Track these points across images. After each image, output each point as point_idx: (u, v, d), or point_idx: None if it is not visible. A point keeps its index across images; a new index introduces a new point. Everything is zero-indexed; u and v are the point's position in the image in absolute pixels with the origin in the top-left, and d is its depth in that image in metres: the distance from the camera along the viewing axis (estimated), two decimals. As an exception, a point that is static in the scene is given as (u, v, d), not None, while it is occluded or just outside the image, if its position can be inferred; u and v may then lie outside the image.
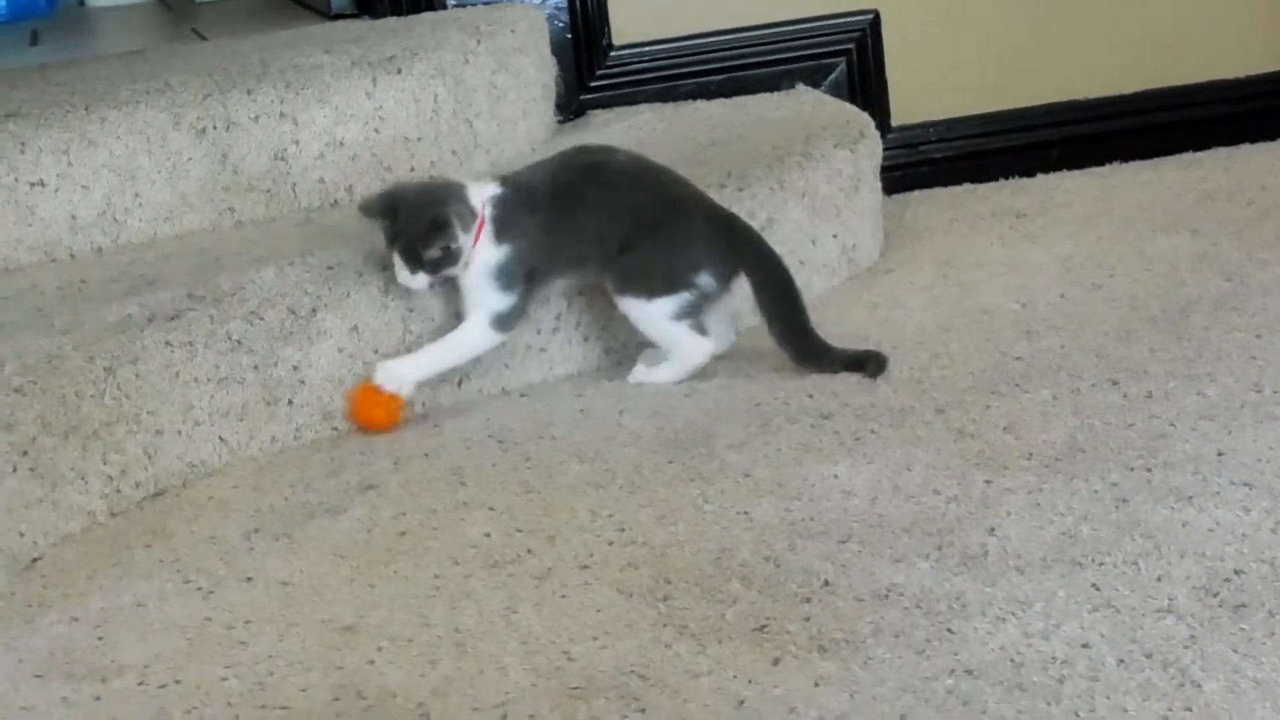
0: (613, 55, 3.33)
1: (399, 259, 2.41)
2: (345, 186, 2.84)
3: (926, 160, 3.43)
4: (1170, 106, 3.47)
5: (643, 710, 1.71)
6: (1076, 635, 1.76)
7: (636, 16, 3.33)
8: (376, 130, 2.85)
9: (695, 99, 3.33)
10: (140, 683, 1.86)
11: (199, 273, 2.53)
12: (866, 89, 3.37)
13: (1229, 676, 1.67)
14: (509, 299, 2.44)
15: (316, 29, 3.36)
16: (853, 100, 3.32)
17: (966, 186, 3.38)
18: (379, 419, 2.44)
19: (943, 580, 1.90)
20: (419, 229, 2.39)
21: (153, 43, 3.90)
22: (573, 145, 2.64)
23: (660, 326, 2.49)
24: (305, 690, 1.81)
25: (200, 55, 3.18)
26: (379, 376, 2.44)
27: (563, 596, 1.95)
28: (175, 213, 2.77)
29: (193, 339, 2.36)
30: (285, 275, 2.48)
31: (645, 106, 3.31)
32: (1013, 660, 1.73)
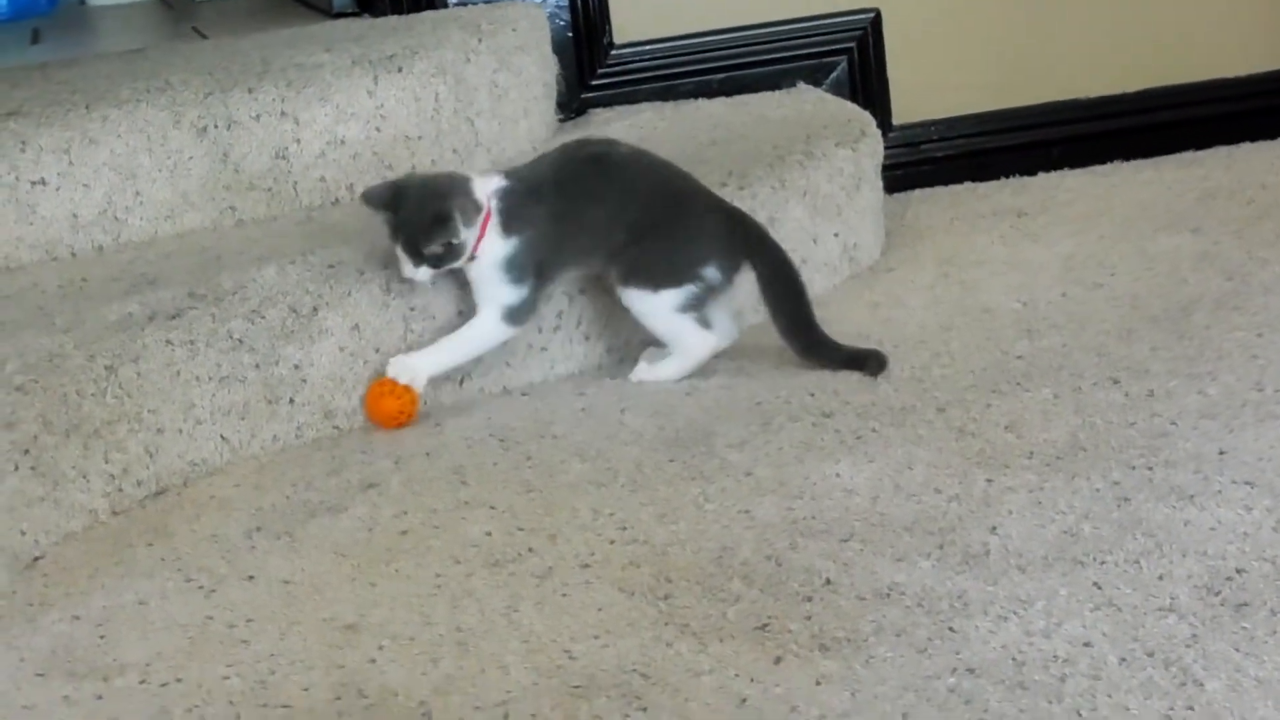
0: (614, 54, 3.33)
1: (401, 253, 2.42)
2: (346, 185, 2.84)
3: (928, 159, 3.43)
4: (1171, 105, 3.47)
5: (644, 709, 1.71)
6: (1078, 634, 1.76)
7: (637, 15, 3.33)
8: (378, 129, 2.85)
9: (696, 98, 3.33)
10: (142, 681, 1.86)
11: (200, 271, 2.53)
12: (868, 88, 3.37)
13: (1231, 675, 1.67)
14: (520, 292, 2.44)
15: (317, 27, 3.36)
16: (854, 99, 3.32)
17: (968, 185, 3.38)
18: (390, 409, 2.44)
19: (944, 579, 1.90)
20: (420, 223, 2.39)
21: (154, 41, 3.90)
22: (574, 139, 2.64)
23: (664, 319, 2.49)
24: (307, 689, 1.81)
25: (201, 54, 3.19)
26: (393, 370, 2.44)
27: (564, 595, 1.95)
28: (176, 211, 2.77)
29: (194, 337, 2.36)
30: (286, 274, 2.48)
31: (646, 105, 3.31)
32: (1014, 659, 1.73)
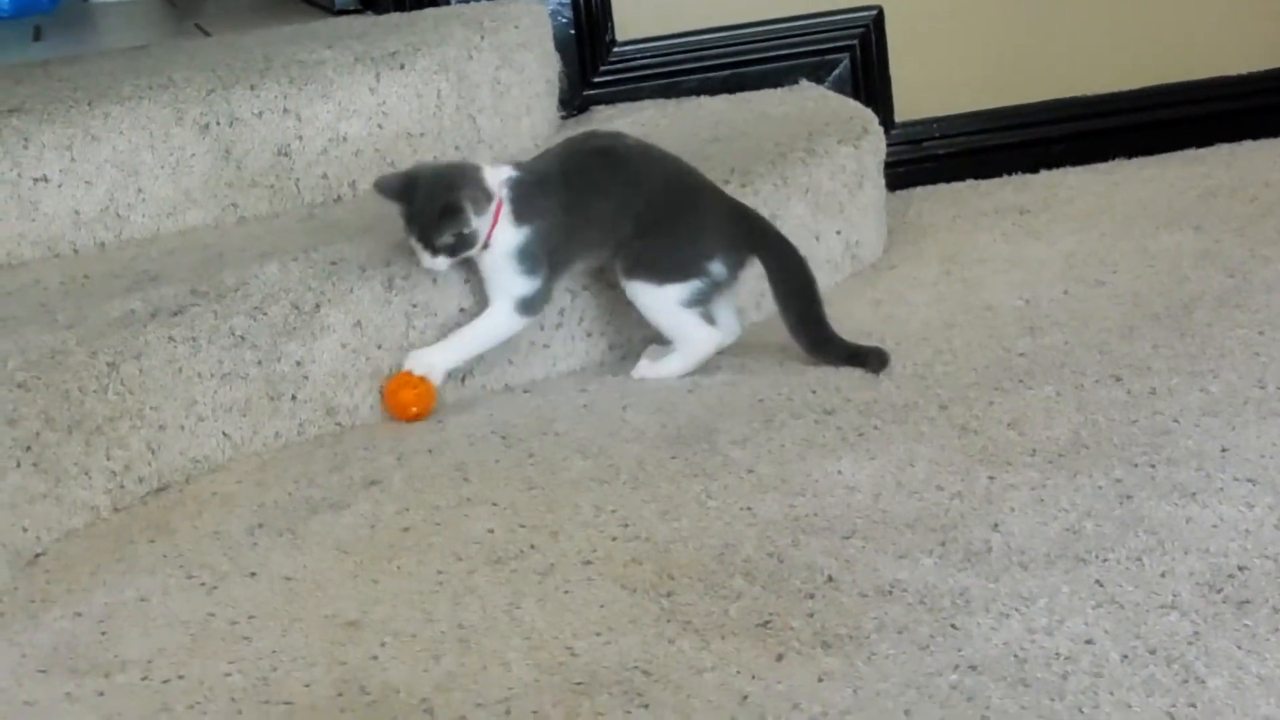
0: (616, 51, 3.33)
1: (416, 243, 2.42)
2: (348, 182, 2.84)
3: (930, 156, 3.43)
4: (1173, 103, 3.47)
5: (646, 706, 1.71)
6: (1080, 631, 1.76)
7: (640, 12, 3.33)
8: (380, 126, 2.85)
9: (698, 95, 3.33)
10: (143, 678, 1.86)
11: (202, 268, 2.53)
12: (870, 85, 3.37)
13: (1233, 672, 1.67)
14: (533, 282, 2.44)
15: (320, 24, 3.36)
16: (856, 96, 3.32)
17: (970, 182, 3.37)
18: (407, 401, 2.45)
19: (946, 576, 1.90)
20: (432, 214, 2.39)
21: (156, 38, 3.90)
22: (581, 132, 2.64)
23: (669, 314, 2.49)
24: (309, 685, 1.81)
25: (203, 51, 3.19)
26: (410, 364, 2.44)
27: (566, 592, 1.95)
28: (178, 208, 2.77)
29: (196, 334, 2.36)
30: (288, 271, 2.48)
31: (648, 102, 3.31)
32: (1016, 656, 1.73)
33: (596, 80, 3.33)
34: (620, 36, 3.33)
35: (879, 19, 3.38)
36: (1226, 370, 2.36)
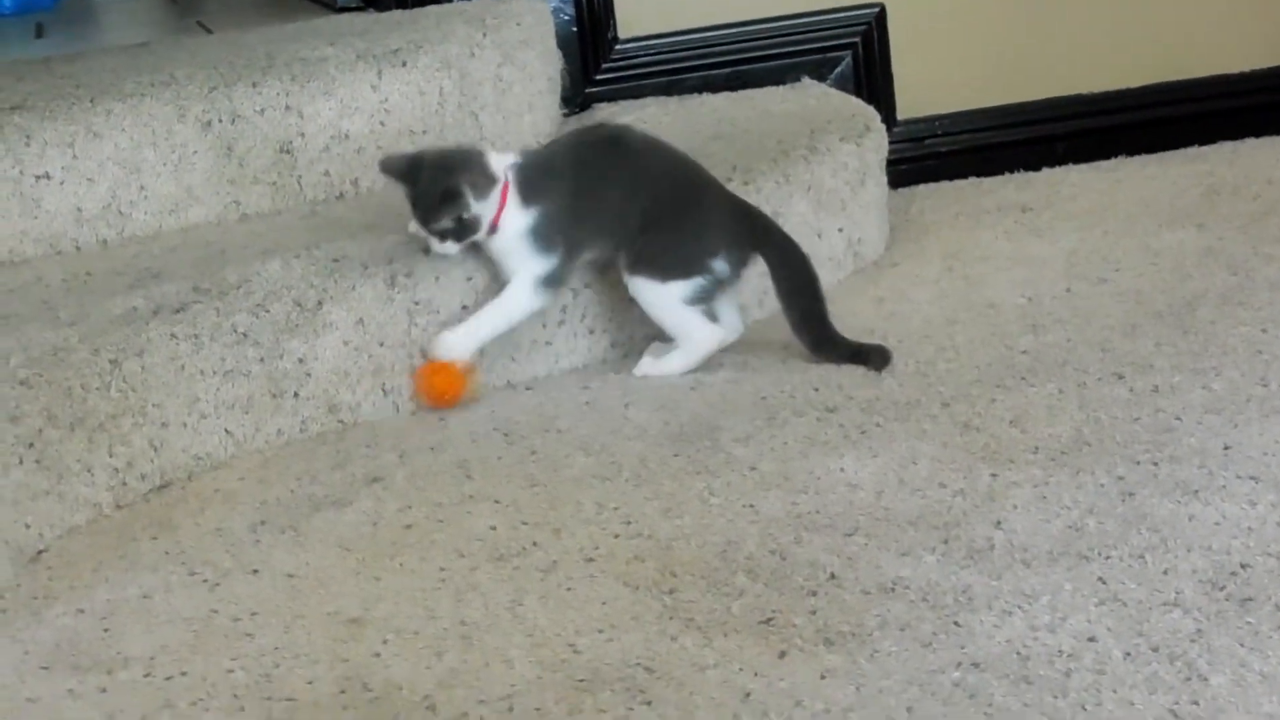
0: (618, 49, 3.33)
1: (419, 227, 2.44)
2: (350, 179, 2.84)
3: (932, 154, 3.42)
4: (1176, 101, 3.46)
5: (649, 703, 1.71)
6: (1083, 628, 1.76)
7: (642, 10, 3.33)
8: (382, 123, 2.85)
9: (700, 92, 3.33)
10: (146, 675, 1.86)
11: (204, 265, 2.53)
12: (872, 83, 3.37)
13: (1235, 670, 1.67)
14: (550, 260, 2.44)
15: (322, 22, 3.36)
16: (858, 94, 3.31)
17: (972, 180, 3.37)
18: (439, 387, 2.45)
19: (949, 573, 1.90)
20: (431, 199, 2.40)
21: (158, 35, 3.90)
22: (590, 122, 2.65)
23: (672, 311, 2.49)
24: (311, 682, 1.81)
25: (205, 48, 3.18)
26: (434, 349, 2.45)
27: (568, 589, 1.95)
28: (180, 205, 2.77)
29: (198, 331, 2.36)
30: (291, 268, 2.48)
31: (650, 100, 3.31)
32: (1019, 653, 1.73)
33: (599, 78, 3.33)
34: (622, 34, 3.33)
35: (881, 16, 3.37)
36: (1229, 368, 2.36)
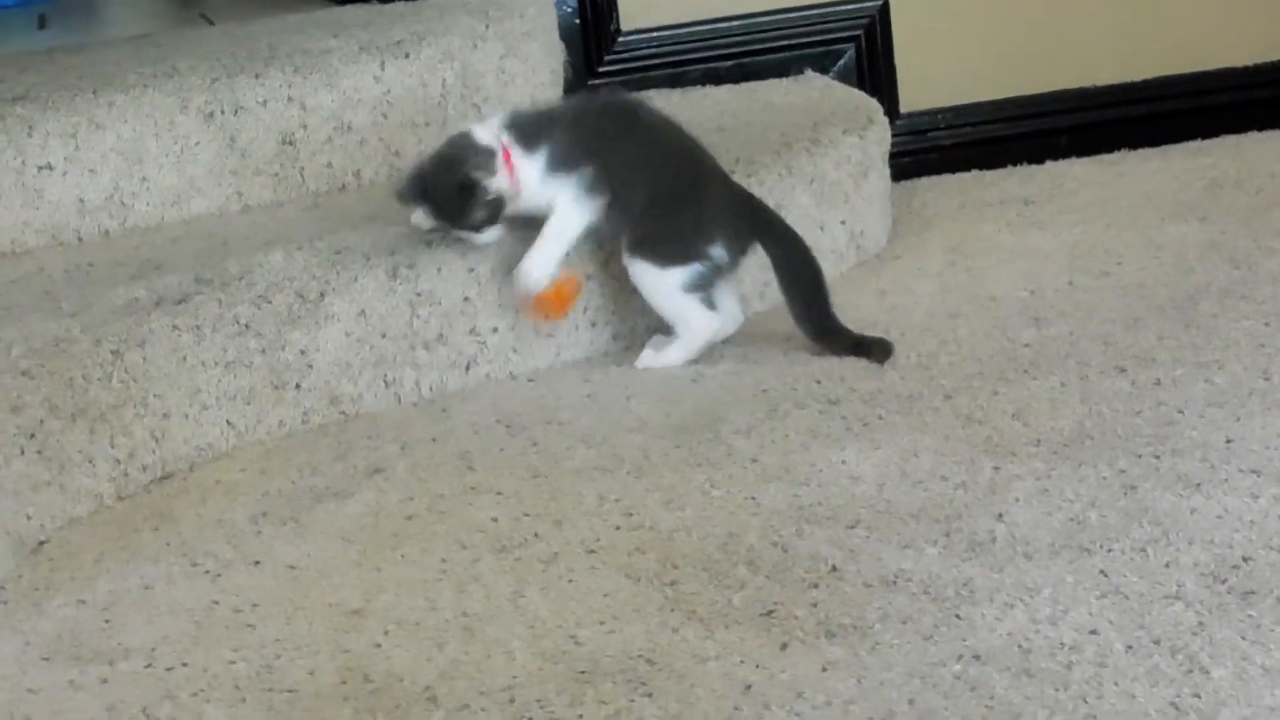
0: (621, 41, 3.33)
1: (459, 233, 2.44)
2: (353, 171, 2.84)
3: (935, 147, 3.42)
4: (1179, 94, 3.46)
5: (650, 694, 1.71)
6: (1085, 621, 1.76)
7: (645, 2, 3.32)
8: (384, 115, 2.85)
9: (704, 85, 3.32)
10: (147, 665, 1.86)
11: (206, 256, 2.53)
12: (875, 75, 3.37)
13: (1237, 663, 1.67)
14: (579, 175, 2.43)
15: (324, 13, 3.36)
16: (861, 86, 3.31)
17: (975, 173, 3.37)
18: (550, 311, 2.48)
19: (950, 566, 1.90)
20: (452, 206, 2.41)
21: (160, 27, 3.90)
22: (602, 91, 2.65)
23: (670, 298, 2.48)
24: (312, 673, 1.81)
25: (208, 39, 3.18)
26: (520, 286, 2.44)
27: (570, 581, 1.95)
28: (183, 196, 2.77)
29: (200, 322, 2.36)
30: (293, 259, 2.48)
31: (653, 92, 3.29)
32: (1020, 646, 1.73)
33: (601, 70, 3.32)
34: (625, 26, 3.33)
35: (884, 9, 3.37)
36: (1231, 361, 2.36)
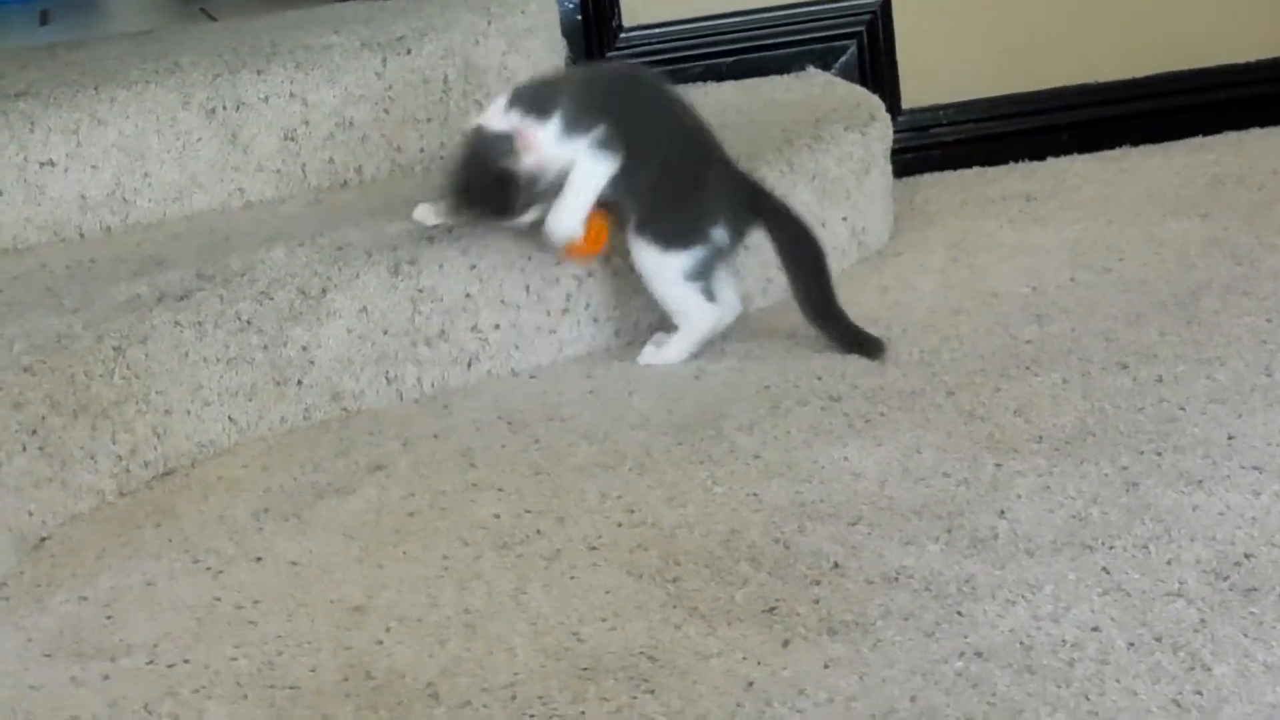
0: (623, 37, 3.33)
1: (522, 219, 2.44)
2: (355, 167, 2.84)
3: (937, 143, 3.42)
4: (1181, 90, 3.46)
5: (652, 691, 1.71)
6: (1086, 618, 1.76)
7: (646, -2, 3.33)
8: (386, 111, 2.85)
9: (705, 81, 3.32)
10: (149, 662, 1.86)
11: (208, 253, 2.53)
12: (877, 72, 3.36)
13: (1239, 660, 1.67)
14: (592, 130, 2.42)
15: (326, 9, 3.36)
16: (863, 83, 3.31)
17: (977, 170, 3.37)
18: (588, 252, 2.49)
19: (952, 563, 1.90)
20: (500, 204, 2.41)
21: (162, 22, 3.91)
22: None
23: (671, 286, 2.48)
24: (314, 670, 1.81)
25: (210, 35, 3.18)
26: (553, 238, 2.44)
27: (572, 578, 1.95)
28: (185, 192, 2.77)
29: (202, 319, 2.36)
30: (295, 255, 2.48)
31: (655, 89, 3.30)
32: (1022, 643, 1.73)
33: (603, 66, 3.32)
34: (627, 22, 3.33)
35: (886, 5, 3.37)
36: (1233, 358, 2.36)
